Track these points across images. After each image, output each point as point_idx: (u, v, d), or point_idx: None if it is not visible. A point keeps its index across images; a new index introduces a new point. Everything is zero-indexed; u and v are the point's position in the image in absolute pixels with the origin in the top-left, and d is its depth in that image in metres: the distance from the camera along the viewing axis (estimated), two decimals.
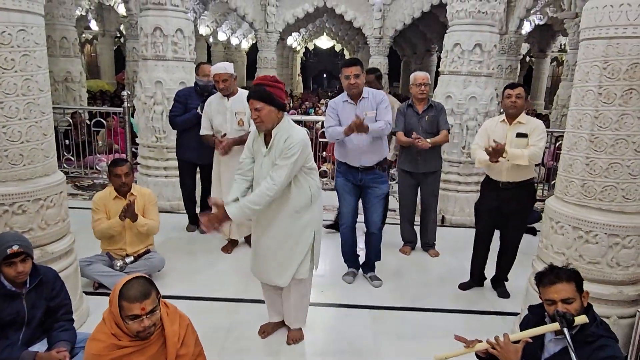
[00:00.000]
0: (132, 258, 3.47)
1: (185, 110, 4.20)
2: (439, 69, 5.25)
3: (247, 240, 4.23)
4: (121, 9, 11.54)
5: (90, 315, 2.98)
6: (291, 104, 12.63)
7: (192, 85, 4.43)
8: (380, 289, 3.65)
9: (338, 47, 23.56)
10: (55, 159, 2.73)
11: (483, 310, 3.43)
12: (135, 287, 1.84)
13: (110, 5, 12.51)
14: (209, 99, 3.99)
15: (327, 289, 3.61)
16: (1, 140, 2.38)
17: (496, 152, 3.18)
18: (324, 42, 22.31)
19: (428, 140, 3.91)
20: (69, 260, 2.80)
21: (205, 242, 4.32)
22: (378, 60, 12.46)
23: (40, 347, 2.31)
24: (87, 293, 3.20)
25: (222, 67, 3.82)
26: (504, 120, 3.44)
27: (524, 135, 3.29)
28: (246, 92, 3.94)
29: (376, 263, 3.79)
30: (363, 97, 3.46)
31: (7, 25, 2.29)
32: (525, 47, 14.93)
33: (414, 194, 4.38)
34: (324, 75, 34.66)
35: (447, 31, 5.07)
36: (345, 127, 3.36)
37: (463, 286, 3.76)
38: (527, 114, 3.58)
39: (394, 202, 5.04)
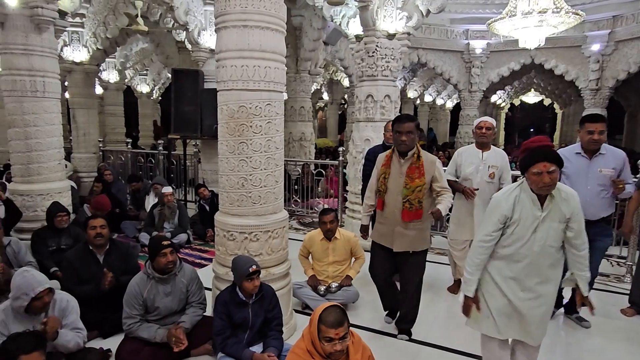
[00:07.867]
0: (336, 284, 3.69)
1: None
2: None
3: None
4: (345, 82, 13.01)
5: (297, 330, 3.24)
6: None
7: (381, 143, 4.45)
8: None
9: (547, 102, 21.13)
10: (282, 200, 3.16)
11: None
12: (332, 314, 1.95)
13: (337, 79, 14.25)
14: (459, 149, 3.98)
15: None
16: (247, 185, 2.90)
17: None
18: (531, 97, 20.41)
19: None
20: (285, 282, 3.15)
21: None
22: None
23: (257, 348, 2.66)
24: (296, 311, 3.52)
25: (488, 119, 3.93)
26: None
27: None
28: (499, 150, 3.90)
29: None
30: (600, 153, 3.08)
31: (259, 101, 2.83)
32: None
33: None
34: (531, 130, 31.37)
35: None
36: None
37: None
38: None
39: None
